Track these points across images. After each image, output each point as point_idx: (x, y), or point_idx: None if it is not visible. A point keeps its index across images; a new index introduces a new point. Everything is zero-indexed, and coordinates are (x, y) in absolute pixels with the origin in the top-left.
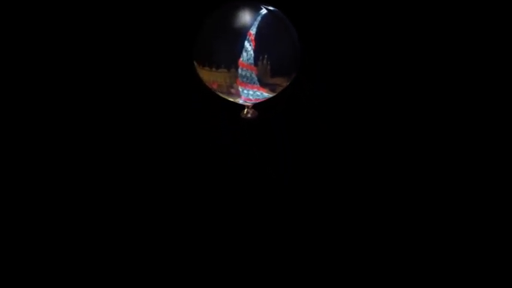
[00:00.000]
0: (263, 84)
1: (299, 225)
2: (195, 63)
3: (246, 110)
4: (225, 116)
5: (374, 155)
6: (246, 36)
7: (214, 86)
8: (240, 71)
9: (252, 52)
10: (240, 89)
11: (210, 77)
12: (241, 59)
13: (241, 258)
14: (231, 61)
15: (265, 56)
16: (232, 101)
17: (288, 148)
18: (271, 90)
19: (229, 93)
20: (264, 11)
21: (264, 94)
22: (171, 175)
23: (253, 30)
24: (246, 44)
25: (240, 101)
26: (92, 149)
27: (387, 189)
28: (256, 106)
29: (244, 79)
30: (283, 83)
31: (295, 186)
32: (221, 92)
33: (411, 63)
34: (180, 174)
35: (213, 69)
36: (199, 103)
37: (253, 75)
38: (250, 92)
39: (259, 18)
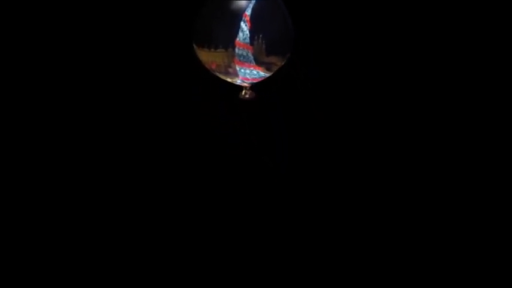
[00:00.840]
0: (259, 62)
1: (297, 216)
2: (195, 46)
3: (244, 91)
4: (224, 105)
5: (370, 141)
6: (241, 17)
7: (213, 66)
8: (237, 50)
9: (247, 32)
10: (238, 68)
11: (209, 57)
12: (237, 39)
13: (238, 248)
14: (228, 41)
15: (260, 36)
16: (230, 82)
17: (285, 137)
18: (267, 69)
19: (227, 73)
20: None
21: (261, 73)
22: (170, 165)
23: (248, 12)
24: (242, 24)
25: (238, 81)
26: (88, 137)
27: (384, 175)
28: (254, 87)
29: (241, 58)
30: (278, 62)
31: (293, 175)
32: (219, 72)
33: (406, 49)
34: (179, 164)
35: (212, 49)
36: (199, 94)
37: (250, 54)
38: (247, 71)
39: (253, 0)
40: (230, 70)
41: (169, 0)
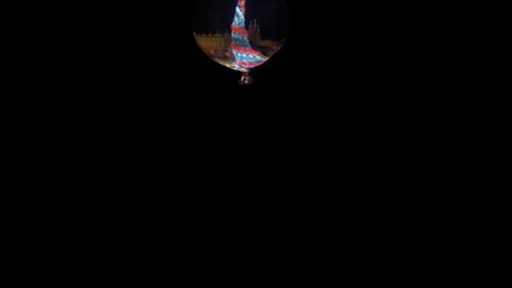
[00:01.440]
0: (255, 46)
1: (297, 216)
2: (194, 33)
3: (243, 77)
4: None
5: (369, 140)
6: (237, 3)
7: (212, 52)
8: (233, 34)
9: (242, 17)
10: (234, 52)
11: (207, 42)
12: (233, 23)
13: (238, 248)
14: (224, 26)
15: (255, 20)
16: (229, 68)
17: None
18: (263, 53)
19: (225, 58)
20: None
21: (257, 57)
22: (169, 163)
23: None
24: (237, 10)
25: (236, 66)
26: (84, 130)
27: (383, 174)
28: (252, 73)
29: (237, 42)
30: (273, 46)
31: (293, 175)
32: (218, 57)
33: (404, 45)
34: (178, 163)
35: (209, 34)
36: (198, 90)
37: (245, 38)
38: (244, 55)
39: None
40: (227, 54)
41: None
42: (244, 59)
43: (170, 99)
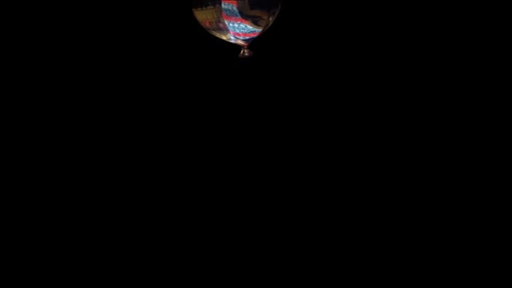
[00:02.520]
0: (244, 16)
1: (297, 216)
2: (193, 10)
3: (242, 51)
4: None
5: (368, 140)
6: None
7: (207, 24)
8: (223, 5)
9: None
10: (227, 23)
11: (202, 15)
12: None
13: (238, 248)
14: None
15: None
16: (227, 41)
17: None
18: (254, 22)
19: (219, 29)
20: None
21: (249, 27)
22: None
23: None
24: None
25: (232, 38)
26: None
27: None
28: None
29: (228, 12)
30: (263, 15)
31: (293, 175)
32: (213, 29)
33: (401, 20)
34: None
35: (203, 7)
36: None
37: (234, 8)
38: (236, 25)
39: None
40: (221, 25)
41: None
42: (237, 29)
43: (173, 74)
